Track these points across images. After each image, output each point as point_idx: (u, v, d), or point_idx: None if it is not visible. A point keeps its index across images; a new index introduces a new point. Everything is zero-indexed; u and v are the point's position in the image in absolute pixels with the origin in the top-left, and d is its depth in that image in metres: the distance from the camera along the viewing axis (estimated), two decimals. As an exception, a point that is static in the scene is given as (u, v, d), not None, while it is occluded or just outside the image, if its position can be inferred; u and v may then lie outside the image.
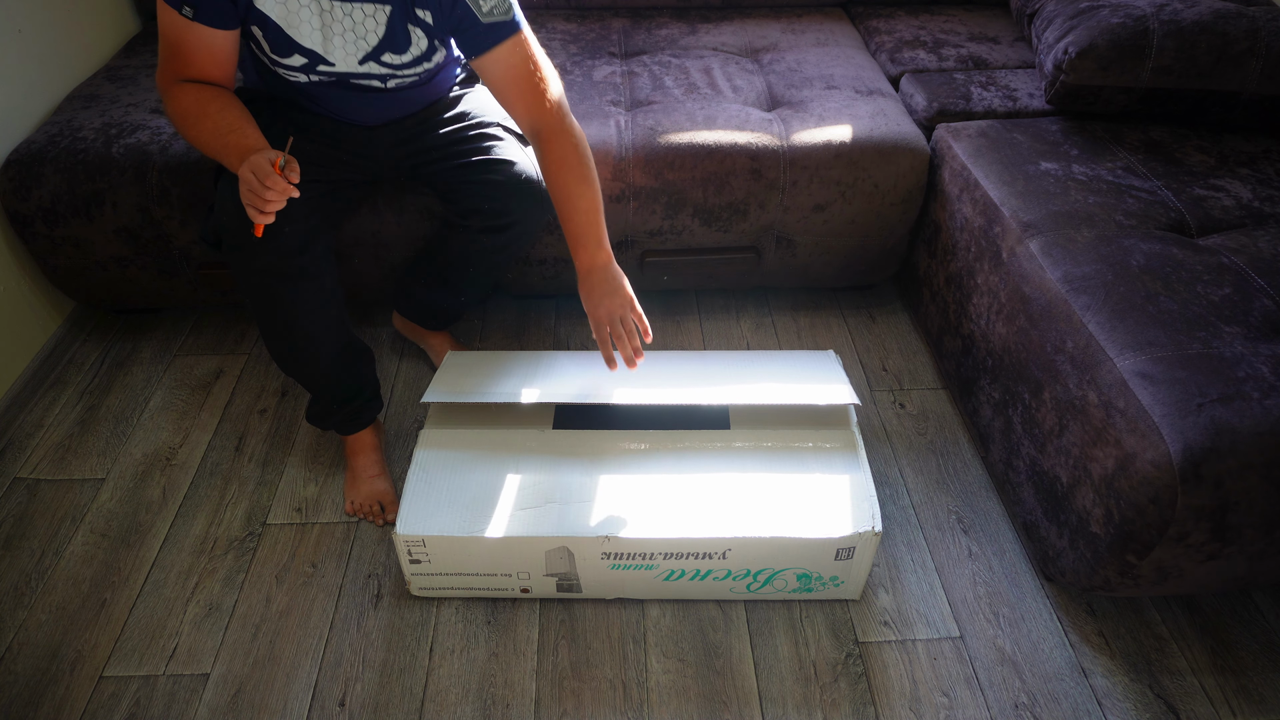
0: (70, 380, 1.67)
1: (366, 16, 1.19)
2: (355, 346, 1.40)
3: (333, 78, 1.26)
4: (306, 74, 1.25)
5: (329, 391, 1.39)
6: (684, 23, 2.02)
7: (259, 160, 1.07)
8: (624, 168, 1.55)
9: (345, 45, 1.21)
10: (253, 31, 1.19)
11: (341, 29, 1.19)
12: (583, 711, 1.18)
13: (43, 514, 1.42)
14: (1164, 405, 1.07)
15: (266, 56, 1.23)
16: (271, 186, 1.06)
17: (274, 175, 1.06)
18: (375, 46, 1.22)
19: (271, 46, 1.20)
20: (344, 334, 1.36)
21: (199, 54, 1.17)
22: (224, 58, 1.19)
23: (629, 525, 1.20)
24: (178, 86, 1.19)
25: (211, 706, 1.18)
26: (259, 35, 1.19)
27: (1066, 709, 1.19)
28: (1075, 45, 1.55)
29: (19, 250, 1.61)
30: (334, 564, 1.36)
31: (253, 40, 1.21)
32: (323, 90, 1.29)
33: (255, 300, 1.25)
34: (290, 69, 1.24)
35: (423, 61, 1.28)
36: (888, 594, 1.32)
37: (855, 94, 1.71)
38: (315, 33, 1.19)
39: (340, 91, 1.30)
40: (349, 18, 1.19)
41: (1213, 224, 1.38)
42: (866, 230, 1.66)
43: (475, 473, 1.27)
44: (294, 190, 1.07)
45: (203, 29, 1.15)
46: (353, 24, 1.20)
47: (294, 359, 1.34)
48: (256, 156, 1.08)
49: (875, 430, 1.59)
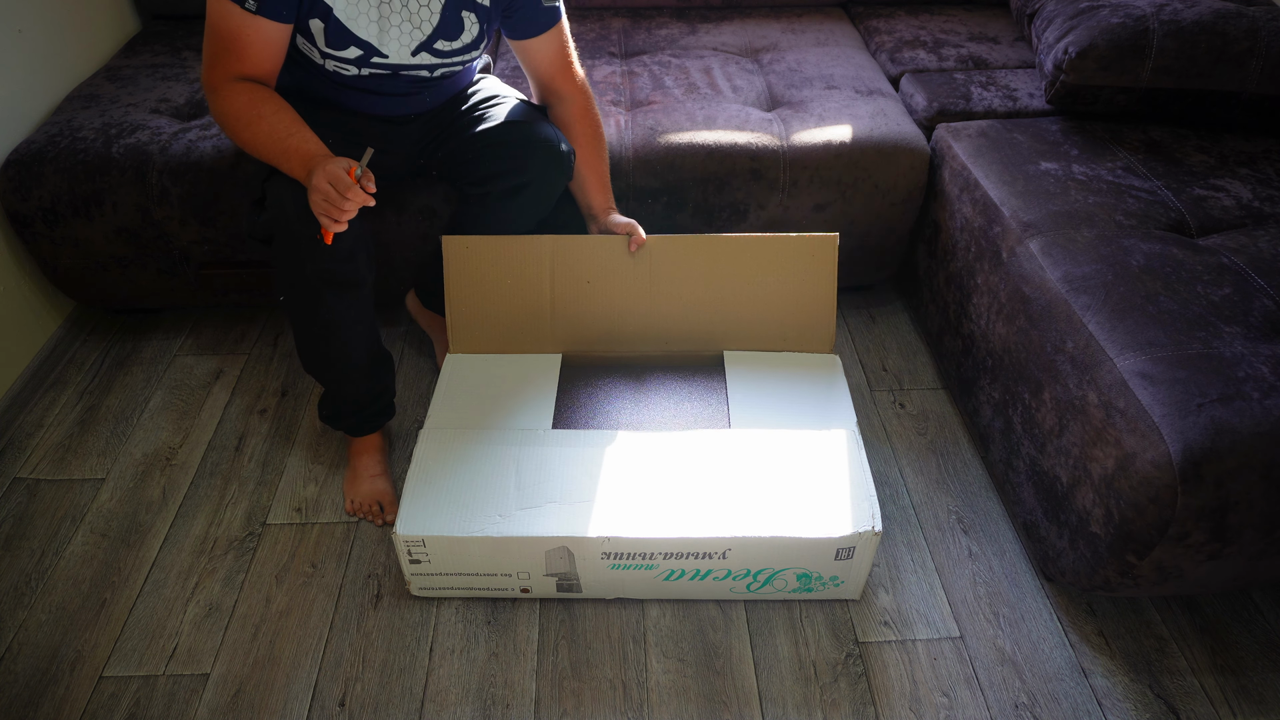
0: (70, 380, 1.67)
1: (422, 6, 1.21)
2: (381, 354, 1.41)
3: (384, 70, 1.26)
4: (359, 67, 1.25)
5: (351, 395, 1.40)
6: (684, 23, 2.02)
7: (337, 171, 1.08)
8: (624, 168, 1.55)
9: (401, 36, 1.22)
10: (310, 26, 1.19)
11: (399, 19, 1.20)
12: (583, 711, 1.18)
13: (43, 514, 1.42)
14: (1164, 405, 1.07)
15: (318, 50, 1.23)
16: (352, 198, 1.07)
17: (354, 187, 1.07)
18: (429, 35, 1.23)
19: (328, 40, 1.20)
20: (376, 340, 1.37)
21: (255, 48, 1.16)
22: (278, 52, 1.19)
23: (629, 525, 1.20)
24: (228, 86, 1.17)
25: (211, 706, 1.18)
26: (316, 29, 1.19)
27: (1066, 709, 1.19)
28: (1075, 45, 1.55)
29: (19, 250, 1.61)
30: (334, 564, 1.36)
31: (306, 35, 1.21)
32: (368, 83, 1.29)
33: (299, 303, 1.25)
34: (343, 62, 1.24)
35: (471, 49, 1.30)
36: (888, 594, 1.32)
37: (855, 94, 1.71)
38: (372, 24, 1.19)
39: (387, 84, 1.30)
40: (405, 8, 1.20)
41: (1213, 224, 1.38)
42: (866, 230, 1.66)
43: (475, 473, 1.27)
44: (370, 200, 1.09)
45: (264, 22, 1.15)
46: (409, 14, 1.20)
47: (326, 362, 1.34)
48: (333, 167, 1.08)
49: (875, 430, 1.59)
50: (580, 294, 1.44)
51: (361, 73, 1.26)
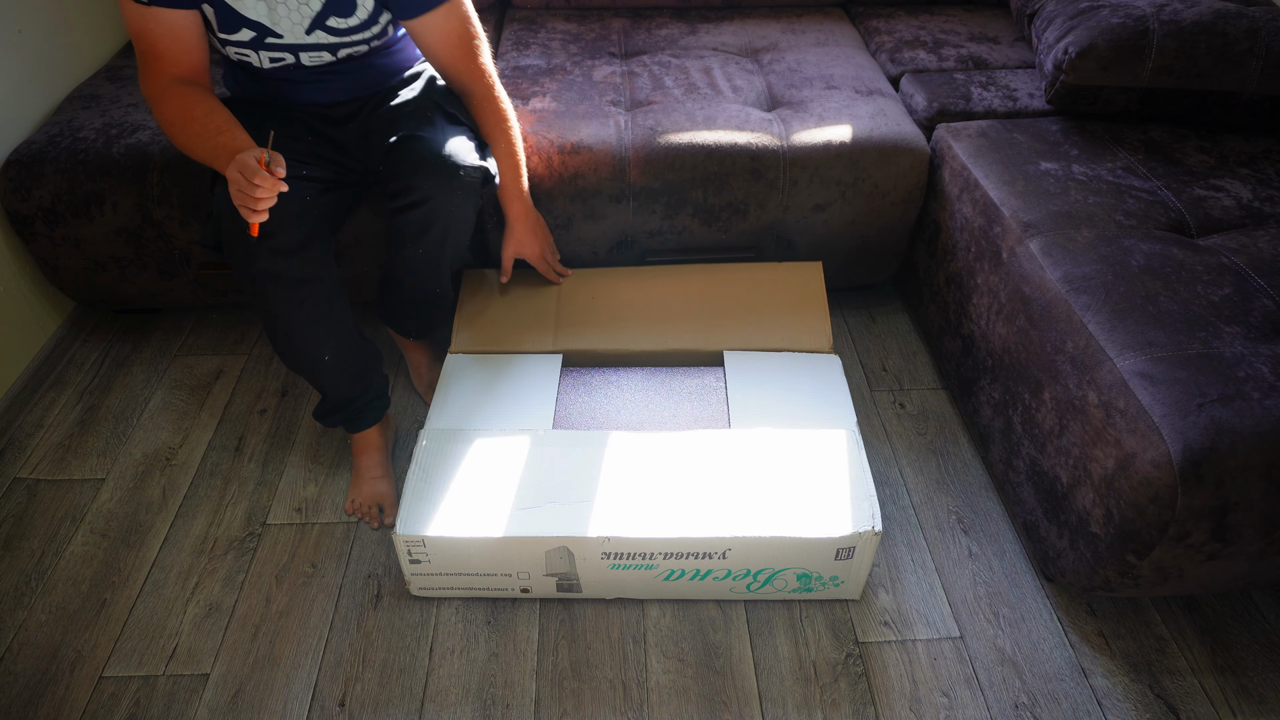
0: (70, 380, 1.67)
1: None
2: (359, 346, 1.39)
3: (285, 52, 1.27)
4: (257, 50, 1.26)
5: (332, 390, 1.39)
6: (684, 23, 2.02)
7: (244, 159, 1.08)
8: (624, 168, 1.55)
9: (290, 14, 1.22)
10: (203, 11, 1.20)
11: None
12: (583, 711, 1.18)
13: (43, 514, 1.42)
14: (1164, 405, 1.07)
15: (217, 38, 1.24)
16: (260, 184, 1.06)
17: (261, 172, 1.06)
18: (319, 12, 1.23)
19: (220, 24, 1.22)
20: (346, 334, 1.35)
21: (165, 41, 1.19)
22: (191, 41, 1.21)
23: (629, 525, 1.20)
24: (163, 96, 1.20)
25: (211, 707, 1.18)
26: (209, 14, 1.21)
27: (1066, 709, 1.19)
28: (1075, 45, 1.55)
29: (19, 250, 1.61)
30: (334, 564, 1.36)
31: (207, 24, 1.23)
32: (280, 72, 1.30)
33: (256, 302, 1.25)
34: (241, 46, 1.25)
35: (370, 25, 1.29)
36: (888, 594, 1.32)
37: (855, 94, 1.71)
38: (260, 3, 1.20)
39: (297, 71, 1.31)
40: None
41: (1213, 224, 1.38)
42: (866, 230, 1.66)
43: (475, 473, 1.27)
44: (282, 185, 1.08)
45: (162, 12, 1.17)
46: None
47: (296, 358, 1.34)
48: (241, 156, 1.08)
49: (875, 430, 1.59)
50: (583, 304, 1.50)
51: (264, 60, 1.27)
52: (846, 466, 1.28)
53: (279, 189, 1.08)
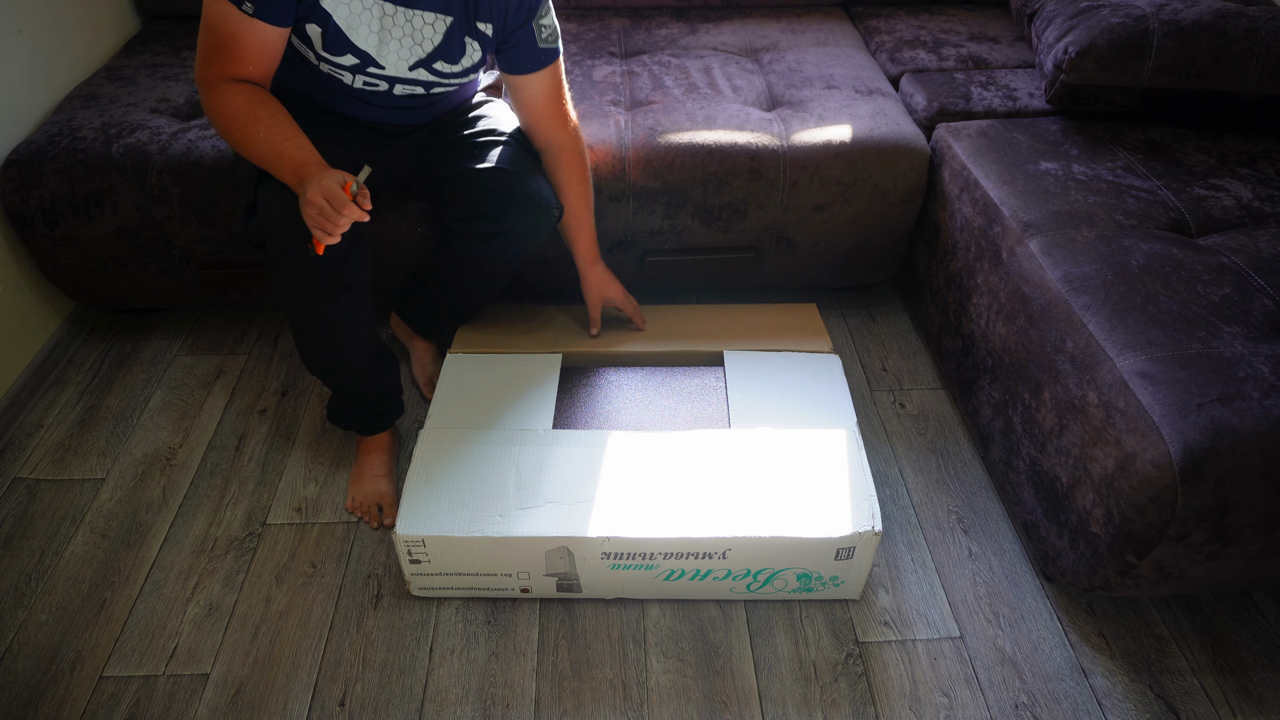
0: (70, 380, 1.67)
1: (426, 24, 1.20)
2: (383, 353, 1.41)
3: (381, 81, 1.26)
4: (354, 74, 1.24)
5: (356, 395, 1.40)
6: (684, 23, 2.02)
7: (333, 187, 1.06)
8: (624, 168, 1.55)
9: (400, 50, 1.21)
10: (307, 30, 1.18)
11: (400, 34, 1.19)
12: (583, 711, 1.18)
13: (43, 514, 1.42)
14: (1164, 405, 1.07)
15: (314, 52, 1.21)
16: (348, 215, 1.05)
17: (350, 205, 1.05)
18: (429, 54, 1.23)
19: (325, 45, 1.19)
20: (375, 339, 1.37)
21: (250, 50, 1.15)
22: (274, 56, 1.18)
23: (629, 525, 1.20)
24: (224, 86, 1.16)
25: (211, 707, 1.18)
26: (314, 34, 1.18)
27: (1066, 709, 1.19)
28: (1075, 45, 1.55)
29: (19, 250, 1.61)
30: (334, 564, 1.36)
31: (303, 38, 1.20)
32: (363, 92, 1.29)
33: (294, 306, 1.25)
34: (338, 68, 1.23)
35: (471, 72, 1.30)
36: (888, 594, 1.32)
37: (855, 94, 1.71)
38: (372, 35, 1.18)
39: (380, 96, 1.29)
40: (409, 24, 1.19)
41: (1213, 224, 1.38)
42: (866, 230, 1.66)
43: (475, 473, 1.27)
44: (365, 217, 1.07)
45: (260, 25, 1.13)
46: (411, 30, 1.20)
47: (326, 364, 1.34)
48: (329, 182, 1.06)
49: (875, 430, 1.59)
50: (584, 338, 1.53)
51: (357, 81, 1.26)
52: (846, 466, 1.28)
53: (362, 219, 1.07)
